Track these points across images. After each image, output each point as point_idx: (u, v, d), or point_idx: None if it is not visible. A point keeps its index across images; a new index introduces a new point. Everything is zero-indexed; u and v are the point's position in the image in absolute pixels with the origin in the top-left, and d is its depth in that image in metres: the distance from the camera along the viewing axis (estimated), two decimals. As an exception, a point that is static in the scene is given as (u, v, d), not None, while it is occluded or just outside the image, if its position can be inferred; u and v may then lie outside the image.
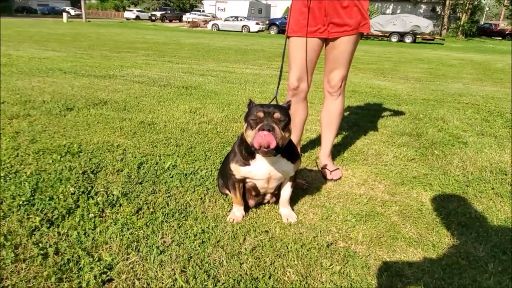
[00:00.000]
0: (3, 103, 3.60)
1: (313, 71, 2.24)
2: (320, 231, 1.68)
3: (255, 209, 1.85)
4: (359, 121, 3.67)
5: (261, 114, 1.48)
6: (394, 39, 23.15)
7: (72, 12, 44.31)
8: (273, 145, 1.41)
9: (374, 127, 3.46)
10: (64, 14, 30.04)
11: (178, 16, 39.48)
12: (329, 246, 1.56)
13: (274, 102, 1.71)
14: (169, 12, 40.89)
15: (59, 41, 11.71)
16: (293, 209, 1.85)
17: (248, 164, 1.63)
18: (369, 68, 8.87)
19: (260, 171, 1.64)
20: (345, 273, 1.40)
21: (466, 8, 31.41)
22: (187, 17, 33.80)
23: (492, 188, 2.20)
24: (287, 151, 1.64)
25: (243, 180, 1.70)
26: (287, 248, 1.53)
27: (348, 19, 2.01)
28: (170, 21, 38.56)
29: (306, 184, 2.12)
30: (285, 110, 1.56)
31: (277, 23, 26.12)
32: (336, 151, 2.75)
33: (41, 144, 2.57)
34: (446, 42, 24.52)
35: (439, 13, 32.05)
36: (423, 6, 33.49)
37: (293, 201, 1.94)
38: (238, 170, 1.65)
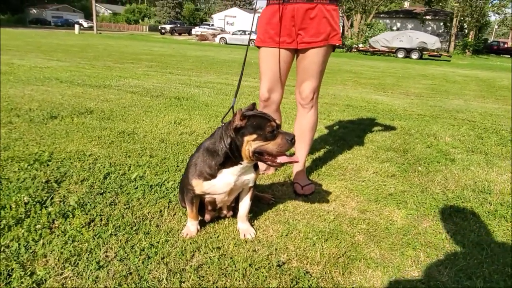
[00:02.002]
0: (-11, 110, 3.60)
1: (284, 82, 2.19)
2: (276, 249, 1.59)
3: (213, 224, 1.77)
4: (346, 135, 3.58)
5: (274, 124, 1.48)
6: (400, 55, 23.11)
7: (85, 24, 45.30)
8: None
9: (360, 142, 3.37)
10: (76, 26, 30.67)
11: (188, 30, 40.09)
12: (281, 265, 1.47)
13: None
14: (178, 25, 41.55)
15: (66, 52, 11.88)
16: (252, 225, 1.77)
17: (214, 177, 1.55)
18: (370, 83, 8.81)
19: (224, 184, 1.55)
20: (291, 296, 1.31)
21: (474, 25, 31.36)
22: (196, 30, 34.32)
23: (471, 208, 2.09)
24: None
25: (200, 196, 1.62)
26: (235, 266, 1.44)
27: (316, 31, 1.95)
28: (180, 34, 39.15)
29: (272, 199, 2.04)
30: None
31: (284, 37, 26.23)
32: (314, 165, 2.67)
33: (12, 152, 2.53)
34: (453, 59, 24.39)
35: (447, 30, 32.03)
36: (431, 23, 33.50)
37: (255, 216, 1.86)
38: (200, 185, 1.56)
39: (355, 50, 26.39)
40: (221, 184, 1.54)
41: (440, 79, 10.69)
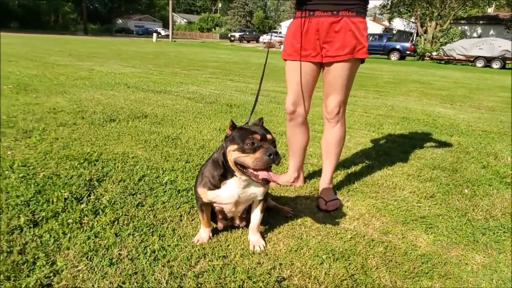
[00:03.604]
0: (61, 112, 4.05)
1: (310, 95, 2.17)
2: (281, 264, 1.58)
3: (226, 233, 1.81)
4: (392, 150, 3.41)
5: (258, 137, 1.44)
6: (479, 64, 21.21)
7: (163, 32, 48.58)
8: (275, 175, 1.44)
9: (405, 158, 3.18)
10: (154, 35, 32.99)
11: (256, 37, 41.04)
12: (280, 281, 1.46)
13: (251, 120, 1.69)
14: (247, 33, 42.78)
15: (142, 59, 12.83)
16: (264, 237, 1.77)
17: (218, 188, 1.60)
18: (437, 94, 8.25)
19: (228, 195, 1.60)
20: (282, 313, 1.30)
21: None
22: (263, 38, 35.00)
23: (513, 240, 1.87)
24: None
25: (210, 204, 1.68)
26: (234, 277, 1.46)
27: (341, 44, 1.91)
28: (248, 41, 40.24)
29: (290, 212, 2.02)
30: (268, 130, 1.54)
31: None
32: (347, 180, 2.59)
33: (69, 150, 2.82)
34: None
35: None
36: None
37: (270, 228, 1.87)
38: (205, 194, 1.63)
39: (428, 58, 24.84)
40: (225, 195, 1.58)
41: (523, 91, 9.63)
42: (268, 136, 1.46)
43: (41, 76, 6.61)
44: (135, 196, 2.14)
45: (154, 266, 1.51)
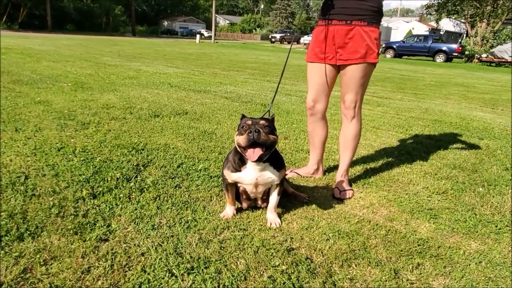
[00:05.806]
0: (112, 107, 4.55)
1: (328, 93, 2.43)
2: (292, 238, 1.85)
3: (248, 212, 2.11)
4: (415, 150, 3.55)
5: (249, 122, 1.80)
6: (534, 67, 20.05)
7: (206, 34, 49.97)
8: (257, 151, 1.72)
9: (427, 158, 3.32)
10: (197, 36, 34.05)
11: (297, 39, 41.09)
12: (290, 251, 1.73)
13: (267, 115, 1.98)
14: (288, 34, 42.96)
15: (185, 60, 13.47)
16: (280, 216, 2.05)
17: (239, 171, 1.91)
18: (480, 97, 8.08)
19: (248, 177, 1.91)
20: (287, 273, 1.57)
21: None
22: (304, 39, 35.05)
23: (512, 232, 2.02)
24: (273, 160, 1.90)
25: (234, 184, 1.99)
26: (251, 244, 1.76)
27: (353, 49, 2.16)
28: (289, 43, 40.40)
29: (306, 198, 2.28)
30: (269, 120, 1.85)
31: (394, 46, 25.13)
32: (364, 174, 2.80)
33: (119, 140, 3.26)
34: None
35: None
36: None
37: (287, 210, 2.15)
38: (229, 175, 1.94)
39: (477, 60, 23.75)
40: (246, 177, 1.89)
41: None
42: (261, 122, 1.79)
43: (95, 76, 7.29)
44: (174, 179, 2.50)
45: (187, 232, 1.84)
